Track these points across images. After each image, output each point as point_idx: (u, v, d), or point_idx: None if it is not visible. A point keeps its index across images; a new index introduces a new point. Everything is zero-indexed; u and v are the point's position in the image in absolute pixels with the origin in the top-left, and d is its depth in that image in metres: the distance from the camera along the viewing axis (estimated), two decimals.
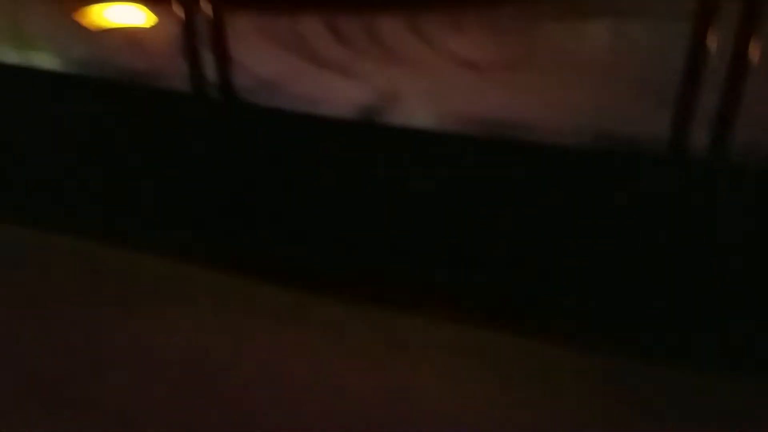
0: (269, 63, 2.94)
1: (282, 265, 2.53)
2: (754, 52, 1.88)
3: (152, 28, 3.22)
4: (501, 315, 2.28)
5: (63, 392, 2.05)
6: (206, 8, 2.37)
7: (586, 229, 2.22)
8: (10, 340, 2.25)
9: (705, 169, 2.04)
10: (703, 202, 2.06)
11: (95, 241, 2.67)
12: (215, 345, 2.21)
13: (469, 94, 2.72)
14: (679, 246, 2.14)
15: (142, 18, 3.21)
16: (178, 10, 2.40)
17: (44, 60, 2.83)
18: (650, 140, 2.07)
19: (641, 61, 2.94)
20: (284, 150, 2.49)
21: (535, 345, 2.18)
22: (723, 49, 1.89)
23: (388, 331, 2.23)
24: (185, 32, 2.42)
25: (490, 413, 1.96)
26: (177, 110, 2.57)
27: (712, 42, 1.92)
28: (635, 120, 2.23)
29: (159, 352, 2.18)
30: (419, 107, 2.53)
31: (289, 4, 3.36)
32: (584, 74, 2.85)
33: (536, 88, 2.78)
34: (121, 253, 2.61)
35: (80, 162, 2.78)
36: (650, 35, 3.12)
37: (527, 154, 2.17)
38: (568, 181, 2.17)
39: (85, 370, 2.13)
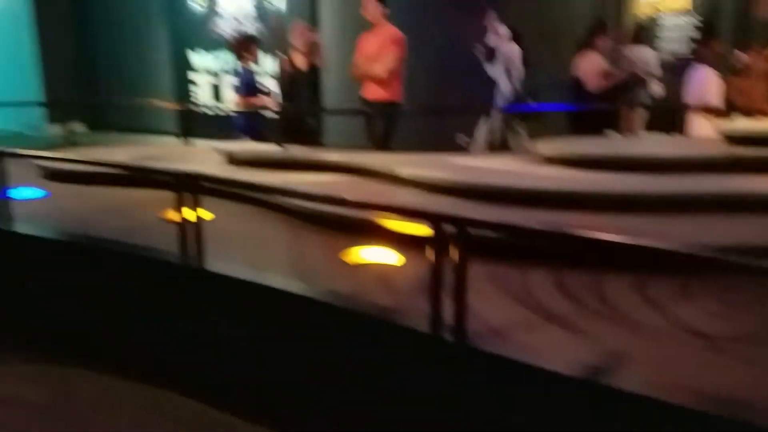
0: (499, 311, 3.13)
1: None
2: None
3: (402, 269, 3.61)
4: None
5: None
6: (454, 256, 2.64)
7: None
8: None
9: None
10: None
11: None
12: None
13: (697, 366, 2.66)
14: None
15: (394, 259, 3.64)
16: (430, 255, 2.70)
17: (310, 290, 3.23)
18: None
19: None
20: (506, 396, 2.58)
21: None
22: None
23: None
24: (433, 277, 2.70)
25: None
26: (412, 347, 2.79)
27: None
28: None
29: None
30: (644, 373, 2.47)
31: (521, 257, 3.61)
32: None
33: None
34: None
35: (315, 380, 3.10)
36: None
37: None
38: None
39: None
